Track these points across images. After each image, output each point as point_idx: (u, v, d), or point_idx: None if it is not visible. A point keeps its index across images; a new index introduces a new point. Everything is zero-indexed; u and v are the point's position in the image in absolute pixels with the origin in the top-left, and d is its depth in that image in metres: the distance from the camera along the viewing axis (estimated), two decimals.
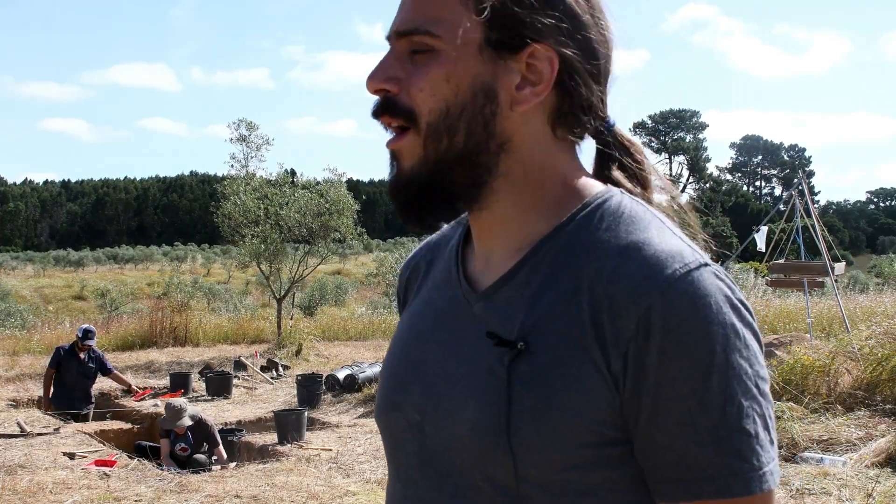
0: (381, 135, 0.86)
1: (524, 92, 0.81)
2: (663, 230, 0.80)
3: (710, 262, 0.77)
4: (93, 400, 8.06)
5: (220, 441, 6.64)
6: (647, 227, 0.80)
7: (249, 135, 13.60)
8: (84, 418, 7.72)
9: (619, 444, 0.77)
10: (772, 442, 0.75)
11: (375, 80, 0.82)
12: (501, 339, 0.80)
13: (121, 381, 8.53)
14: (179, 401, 6.69)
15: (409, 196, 0.84)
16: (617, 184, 0.88)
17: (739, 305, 0.75)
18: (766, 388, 0.76)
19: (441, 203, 0.85)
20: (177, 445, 6.53)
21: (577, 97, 0.83)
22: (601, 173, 0.90)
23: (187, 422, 6.45)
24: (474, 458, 0.81)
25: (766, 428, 0.75)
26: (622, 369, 0.75)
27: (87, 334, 7.96)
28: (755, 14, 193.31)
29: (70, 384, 7.85)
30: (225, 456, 6.55)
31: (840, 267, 10.25)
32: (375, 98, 0.84)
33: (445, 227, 0.99)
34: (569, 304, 0.78)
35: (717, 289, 0.74)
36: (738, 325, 0.74)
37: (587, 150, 0.91)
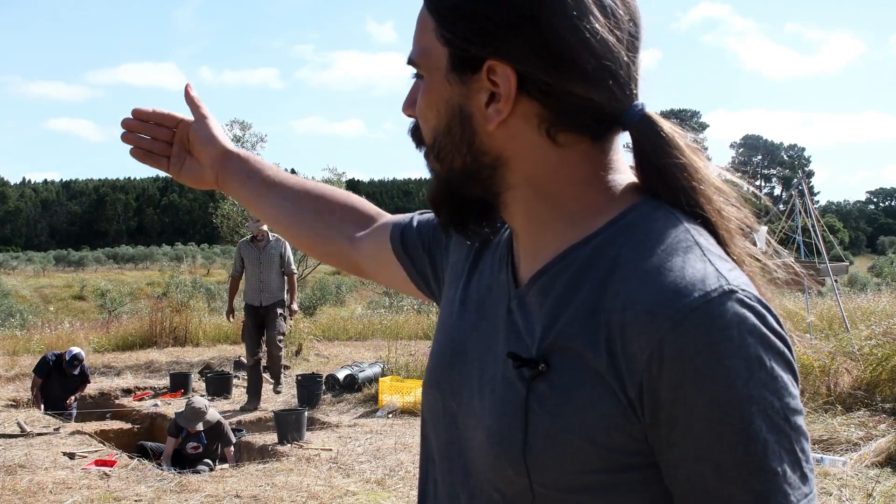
0: (385, 135, 0.92)
1: (490, 109, 0.79)
2: (691, 252, 0.75)
3: (739, 288, 0.72)
4: (72, 407, 8.06)
5: (232, 441, 6.62)
6: (673, 248, 0.75)
7: (244, 134, 13.62)
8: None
9: (640, 468, 0.74)
10: (804, 477, 0.71)
11: (403, 105, 0.89)
12: (523, 360, 0.78)
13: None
14: (202, 402, 6.60)
15: (439, 208, 0.88)
16: (656, 190, 0.81)
17: (768, 335, 0.71)
18: (799, 420, 0.72)
19: (472, 214, 0.87)
20: (189, 444, 6.50)
21: (557, 103, 0.78)
22: (641, 177, 0.83)
23: (201, 426, 6.42)
24: (488, 466, 0.80)
25: (797, 463, 0.71)
26: (638, 397, 0.72)
27: (73, 362, 7.97)
28: (768, 13, 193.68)
29: (53, 396, 7.93)
30: (232, 456, 6.52)
31: (840, 267, 10.25)
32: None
33: None
34: (586, 326, 0.76)
35: (741, 319, 0.70)
36: (764, 356, 0.70)
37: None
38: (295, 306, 8.26)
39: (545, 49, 0.76)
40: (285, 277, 8.19)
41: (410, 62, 0.85)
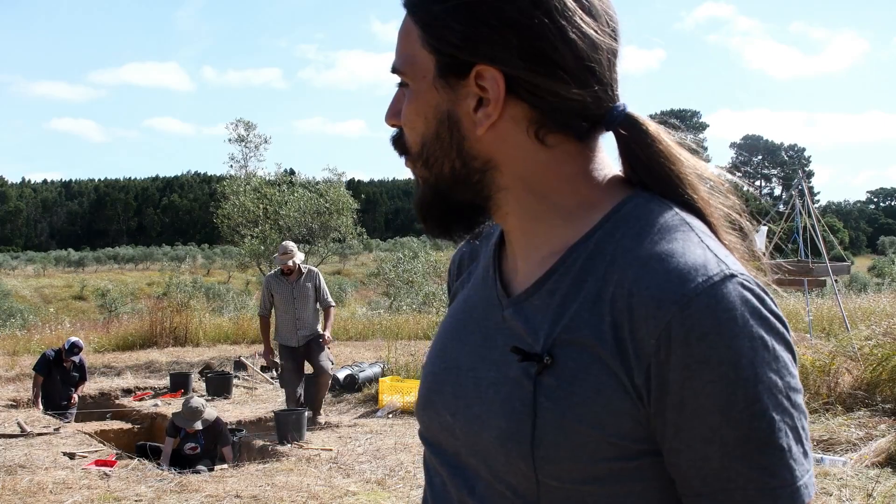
0: (387, 135, 0.92)
1: (479, 114, 0.81)
2: (689, 239, 0.78)
3: (738, 272, 0.75)
4: (75, 405, 8.08)
5: (230, 440, 6.61)
6: (671, 235, 0.78)
7: (248, 135, 13.65)
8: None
9: (645, 456, 0.76)
10: (805, 454, 0.74)
11: (386, 115, 0.89)
12: (526, 354, 0.80)
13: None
14: (199, 401, 6.60)
15: (425, 214, 0.89)
16: (647, 183, 0.84)
17: (769, 316, 0.73)
18: (800, 399, 0.74)
19: (459, 218, 0.88)
20: (186, 444, 6.49)
21: (546, 105, 0.80)
22: (629, 172, 0.85)
23: (199, 426, 6.43)
24: (499, 465, 0.81)
25: (800, 440, 0.74)
26: (645, 383, 0.74)
27: (72, 349, 8.00)
28: (772, 13, 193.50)
29: (53, 391, 7.94)
30: (231, 456, 6.51)
31: (842, 267, 10.25)
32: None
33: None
34: (591, 316, 0.77)
35: (743, 301, 0.73)
36: (767, 337, 0.72)
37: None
38: (328, 335, 7.28)
39: (532, 51, 0.78)
40: (319, 310, 7.30)
41: (395, 71, 0.86)
